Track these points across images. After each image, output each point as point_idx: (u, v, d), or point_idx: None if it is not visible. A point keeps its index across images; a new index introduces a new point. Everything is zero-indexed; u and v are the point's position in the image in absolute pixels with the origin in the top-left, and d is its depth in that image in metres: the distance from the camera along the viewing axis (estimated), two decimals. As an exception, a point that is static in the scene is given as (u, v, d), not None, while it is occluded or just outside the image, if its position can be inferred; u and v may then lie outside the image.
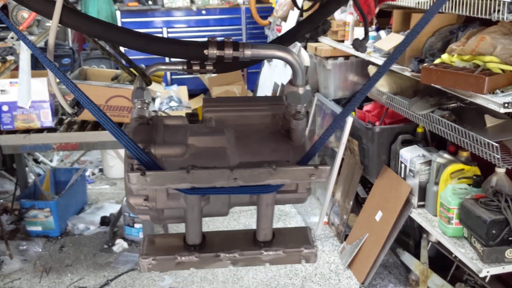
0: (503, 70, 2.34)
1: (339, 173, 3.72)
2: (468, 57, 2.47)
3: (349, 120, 3.43)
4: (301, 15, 4.20)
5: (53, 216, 3.74)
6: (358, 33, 3.47)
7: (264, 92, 5.34)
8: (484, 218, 2.36)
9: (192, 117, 0.98)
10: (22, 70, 3.03)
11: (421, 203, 2.95)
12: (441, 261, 3.04)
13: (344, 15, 3.77)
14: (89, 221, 3.98)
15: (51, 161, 5.02)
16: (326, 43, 4.01)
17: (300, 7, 1.91)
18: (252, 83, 6.09)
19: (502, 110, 2.16)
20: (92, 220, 4.00)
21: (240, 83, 5.76)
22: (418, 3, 2.72)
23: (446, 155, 2.82)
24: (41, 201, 3.79)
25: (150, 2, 6.43)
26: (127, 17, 6.42)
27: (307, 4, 1.62)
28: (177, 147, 0.90)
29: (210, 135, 0.92)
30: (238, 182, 0.82)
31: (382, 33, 3.22)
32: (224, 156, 0.91)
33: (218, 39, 0.90)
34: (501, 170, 2.56)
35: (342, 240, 3.61)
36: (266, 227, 0.93)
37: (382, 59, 3.15)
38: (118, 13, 6.42)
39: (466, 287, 2.80)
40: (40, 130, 3.14)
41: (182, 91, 5.57)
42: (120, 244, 3.65)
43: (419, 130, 3.14)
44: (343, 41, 3.73)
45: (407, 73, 2.85)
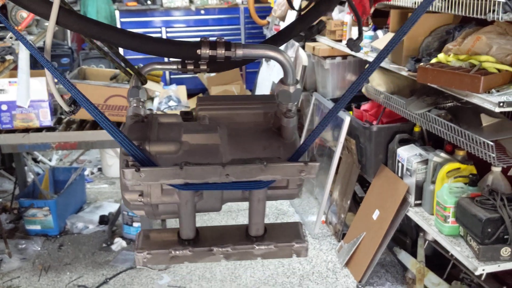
0: (499, 70, 2.36)
1: (337, 172, 3.74)
2: (464, 57, 2.49)
3: (347, 119, 3.44)
4: (299, 15, 4.21)
5: (52, 215, 3.75)
6: (356, 33, 3.48)
7: (263, 92, 5.35)
8: (480, 217, 2.38)
9: (187, 115, 1.00)
10: (21, 70, 3.05)
11: (418, 202, 2.97)
12: (438, 260, 3.06)
13: (342, 15, 3.79)
14: (88, 220, 3.99)
15: (50, 161, 5.04)
16: (324, 43, 4.03)
17: (299, 7, 1.93)
18: (251, 83, 6.11)
19: (497, 109, 2.18)
20: (91, 219, 4.01)
21: (239, 83, 5.79)
22: (415, 3, 2.74)
23: (443, 154, 2.83)
24: (40, 200, 3.81)
25: (149, 2, 6.45)
26: (126, 17, 6.44)
27: (305, 4, 1.64)
28: (171, 144, 0.93)
29: (204, 133, 0.95)
30: (230, 178, 0.85)
31: (380, 33, 3.24)
32: (217, 153, 0.93)
33: (211, 39, 0.93)
34: (497, 169, 2.57)
35: (340, 239, 3.63)
36: (258, 222, 0.96)
37: (379, 59, 3.17)
38: (117, 13, 6.43)
39: (462, 285, 2.81)
40: (39, 129, 3.16)
41: (181, 91, 5.58)
42: (119, 243, 3.67)
43: (416, 129, 3.16)
44: (341, 41, 3.75)
45: (404, 73, 2.87)
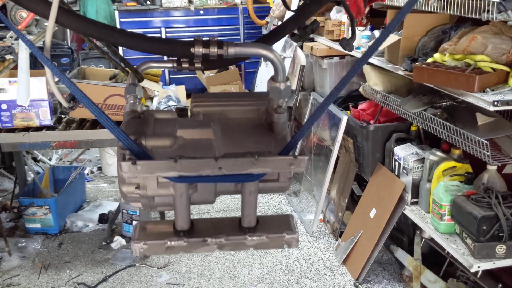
0: (494, 69, 2.38)
1: (335, 171, 3.76)
2: (460, 56, 2.51)
3: (344, 119, 3.47)
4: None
5: (52, 214, 3.78)
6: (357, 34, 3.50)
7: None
8: (475, 214, 2.40)
9: (181, 112, 1.04)
10: (21, 69, 3.07)
11: (415, 200, 2.99)
12: (434, 258, 3.09)
13: (340, 15, 3.81)
14: (88, 219, 4.02)
15: (50, 160, 5.07)
16: (322, 43, 4.05)
17: (297, 7, 1.95)
18: (250, 83, 6.14)
19: (492, 108, 2.20)
20: (91, 218, 4.04)
21: (238, 83, 5.81)
22: (411, 3, 2.76)
23: (439, 153, 2.86)
24: (40, 199, 3.83)
25: (148, 2, 6.47)
26: (126, 17, 6.46)
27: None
28: (166, 139, 0.97)
29: (197, 128, 0.99)
30: (223, 171, 0.88)
31: (377, 33, 3.27)
32: (210, 147, 0.97)
33: (204, 38, 0.97)
34: (493, 168, 2.60)
35: (337, 237, 3.65)
36: (250, 214, 1.00)
37: (376, 58, 3.19)
38: (117, 13, 6.45)
39: (459, 283, 2.84)
40: (39, 128, 3.19)
41: (180, 91, 5.61)
42: (118, 241, 3.70)
43: (413, 129, 3.18)
44: (339, 41, 3.77)
45: (401, 72, 2.90)
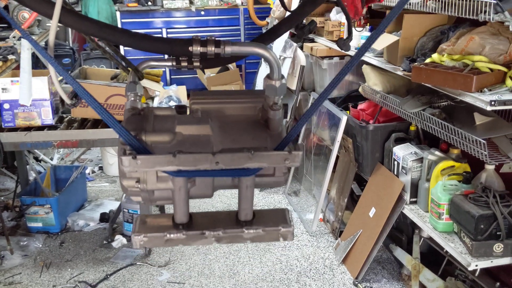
0: (491, 69, 2.40)
1: (334, 171, 3.79)
2: (458, 57, 2.53)
3: (344, 119, 3.49)
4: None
5: (54, 213, 3.80)
6: (354, 34, 3.53)
7: (262, 92, 5.39)
8: (473, 213, 2.43)
9: (180, 109, 1.07)
10: (23, 69, 3.10)
11: (413, 200, 3.01)
12: (433, 257, 3.11)
13: (340, 16, 3.84)
14: (89, 218, 4.05)
15: (52, 160, 5.09)
16: (322, 43, 4.08)
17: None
18: (250, 83, 6.17)
19: (489, 108, 2.22)
20: (92, 217, 4.07)
21: (238, 83, 5.84)
22: (410, 4, 2.79)
23: (437, 153, 2.88)
24: (42, 198, 3.85)
25: (150, 3, 6.50)
26: (127, 18, 6.49)
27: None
28: (166, 135, 1.00)
29: (196, 124, 1.02)
30: (220, 166, 0.91)
31: (376, 33, 3.29)
32: (208, 143, 0.99)
33: (202, 37, 1.00)
34: (490, 167, 2.62)
35: (337, 237, 3.67)
36: (247, 208, 1.02)
37: (376, 59, 3.22)
38: (118, 14, 6.48)
39: (457, 281, 2.86)
40: (41, 128, 3.21)
41: (181, 91, 5.64)
42: (119, 240, 3.72)
43: (412, 128, 3.20)
44: (336, 41, 3.79)
45: (399, 73, 2.92)
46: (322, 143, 3.95)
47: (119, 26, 6.40)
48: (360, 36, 3.39)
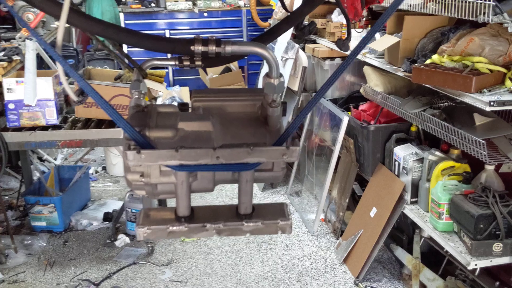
0: (491, 70, 2.42)
1: (336, 171, 3.81)
2: (458, 58, 2.56)
3: (345, 119, 3.52)
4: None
5: (57, 212, 3.84)
6: (354, 35, 3.56)
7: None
8: (472, 213, 2.45)
9: (183, 106, 1.11)
10: (28, 70, 3.15)
11: (414, 200, 3.04)
12: (434, 256, 3.13)
13: (341, 17, 3.87)
14: (92, 217, 4.08)
15: (55, 160, 5.13)
16: (324, 44, 4.11)
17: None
18: (252, 84, 6.20)
19: (488, 108, 2.25)
20: (95, 216, 4.10)
21: (241, 84, 5.87)
22: (410, 6, 2.82)
23: (438, 153, 2.90)
24: (46, 197, 3.89)
25: (153, 5, 6.54)
26: (131, 19, 6.53)
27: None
28: (168, 131, 1.03)
29: (197, 121, 1.06)
30: (220, 160, 0.95)
31: (377, 35, 3.31)
32: (209, 139, 1.03)
33: (203, 37, 1.04)
34: (490, 167, 2.64)
35: (338, 236, 3.70)
36: (246, 201, 1.06)
37: (377, 60, 3.25)
38: (122, 15, 6.52)
39: (457, 281, 2.88)
40: (45, 128, 3.25)
41: (184, 92, 5.68)
42: (122, 239, 3.75)
43: (413, 129, 3.23)
44: (335, 42, 3.82)
45: (400, 73, 2.95)
46: (324, 144, 3.98)
47: (123, 28, 6.45)
48: (361, 37, 3.41)
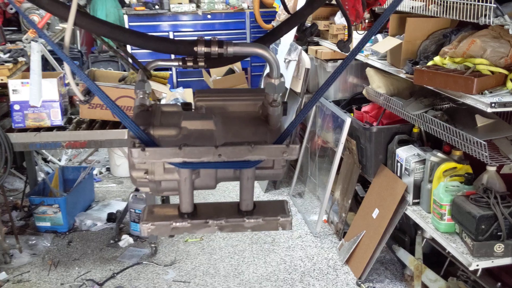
0: (492, 72, 2.44)
1: (338, 172, 3.83)
2: (460, 60, 2.57)
3: (348, 121, 3.54)
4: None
5: (62, 212, 3.86)
6: (356, 37, 3.57)
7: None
8: (474, 214, 2.46)
9: (186, 106, 1.13)
10: (33, 71, 3.17)
11: (416, 201, 3.05)
12: (436, 257, 3.14)
13: (344, 19, 3.88)
14: (96, 218, 4.11)
15: (60, 161, 5.16)
16: (326, 46, 4.13)
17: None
18: (256, 86, 6.22)
19: (489, 110, 2.26)
20: (99, 217, 4.13)
21: (244, 85, 5.90)
22: (413, 8, 2.84)
23: (440, 154, 2.92)
24: (50, 198, 3.92)
25: (157, 7, 6.57)
26: (135, 21, 6.56)
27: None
28: (172, 129, 1.06)
29: (200, 120, 1.09)
30: (222, 158, 0.97)
31: (379, 37, 3.34)
32: (212, 137, 1.06)
33: (206, 38, 1.07)
34: (492, 168, 2.65)
35: (341, 237, 3.71)
36: (248, 198, 1.09)
37: (379, 62, 3.26)
38: (126, 17, 6.56)
39: (458, 281, 2.89)
40: (50, 129, 3.28)
41: (188, 94, 5.71)
42: (126, 240, 3.78)
43: (415, 130, 3.24)
44: (336, 43, 3.84)
45: (402, 75, 2.97)
46: (326, 145, 4.00)
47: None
48: (364, 39, 3.43)
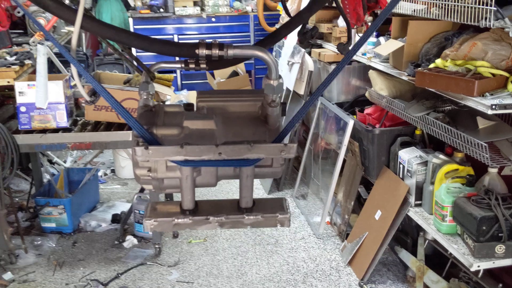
0: (493, 74, 2.46)
1: (341, 174, 3.85)
2: (461, 62, 2.59)
3: (350, 123, 3.56)
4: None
5: (67, 213, 3.90)
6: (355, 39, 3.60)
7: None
8: (475, 215, 2.48)
9: (188, 107, 1.17)
10: (39, 73, 3.22)
11: (418, 202, 3.06)
12: (438, 259, 3.15)
13: (347, 22, 3.91)
14: (101, 219, 4.15)
15: (65, 162, 5.21)
16: (330, 49, 4.16)
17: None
18: (259, 87, 6.24)
19: (490, 112, 2.28)
20: (104, 218, 4.17)
21: (248, 88, 5.93)
22: (414, 11, 2.86)
23: (442, 156, 2.94)
24: (56, 199, 3.96)
25: (162, 10, 6.62)
26: (140, 24, 6.62)
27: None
28: (174, 129, 1.10)
29: (201, 120, 1.13)
30: (223, 156, 1.01)
31: (382, 39, 3.36)
32: (212, 136, 1.10)
33: (207, 41, 1.10)
34: (494, 170, 2.66)
35: (344, 239, 3.73)
36: (247, 196, 1.12)
37: (382, 64, 3.29)
38: (131, 20, 6.61)
39: (460, 283, 2.90)
40: (56, 130, 3.32)
41: (192, 96, 5.75)
42: (130, 240, 3.81)
43: (417, 132, 3.26)
44: (336, 46, 3.87)
45: (404, 77, 2.99)
46: (329, 147, 4.02)
47: (132, 32, 6.56)
48: (367, 42, 3.46)
